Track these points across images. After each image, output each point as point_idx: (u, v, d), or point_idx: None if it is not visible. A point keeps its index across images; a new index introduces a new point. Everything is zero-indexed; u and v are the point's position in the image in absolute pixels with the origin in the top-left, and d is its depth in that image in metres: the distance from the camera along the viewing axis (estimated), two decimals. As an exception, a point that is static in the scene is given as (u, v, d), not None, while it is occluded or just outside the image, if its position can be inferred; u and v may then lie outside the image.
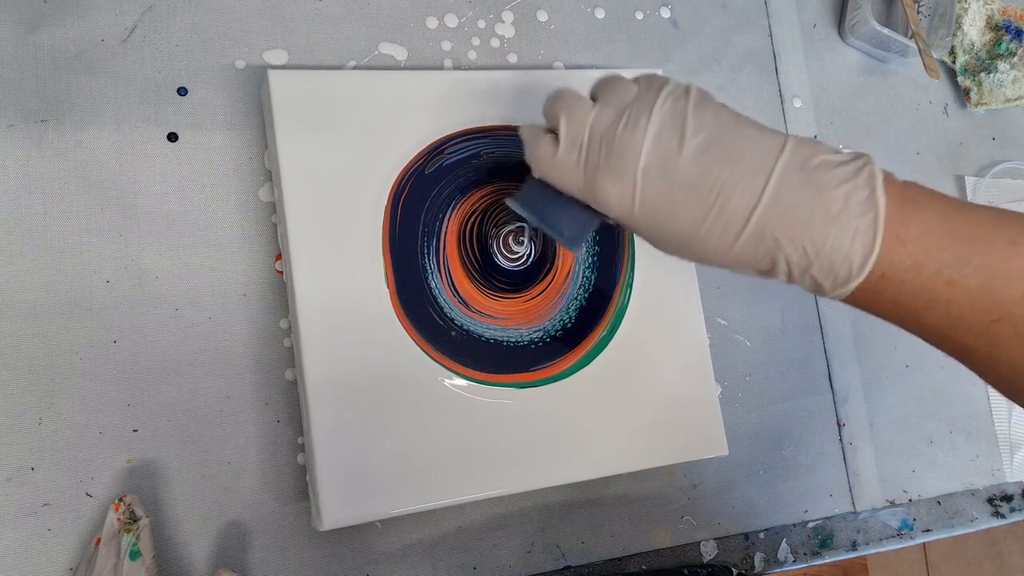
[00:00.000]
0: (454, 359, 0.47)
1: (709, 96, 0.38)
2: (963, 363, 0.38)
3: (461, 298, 0.48)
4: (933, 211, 0.35)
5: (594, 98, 0.39)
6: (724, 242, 0.36)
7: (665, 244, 0.38)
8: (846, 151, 0.36)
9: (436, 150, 0.49)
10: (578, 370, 0.50)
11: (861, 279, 0.34)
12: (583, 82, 0.53)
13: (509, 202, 0.43)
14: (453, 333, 0.47)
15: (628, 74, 0.54)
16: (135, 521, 0.40)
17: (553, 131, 0.39)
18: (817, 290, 0.36)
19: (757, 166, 0.35)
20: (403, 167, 0.48)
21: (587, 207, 0.40)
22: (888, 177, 0.35)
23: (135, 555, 0.39)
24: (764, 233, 0.35)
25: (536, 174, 0.40)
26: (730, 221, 0.35)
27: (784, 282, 0.37)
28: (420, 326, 0.46)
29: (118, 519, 0.40)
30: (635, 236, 0.53)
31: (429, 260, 0.48)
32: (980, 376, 0.38)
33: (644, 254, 0.53)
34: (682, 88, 0.37)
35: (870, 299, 0.36)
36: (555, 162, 0.38)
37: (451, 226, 0.49)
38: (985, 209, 0.35)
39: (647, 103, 0.37)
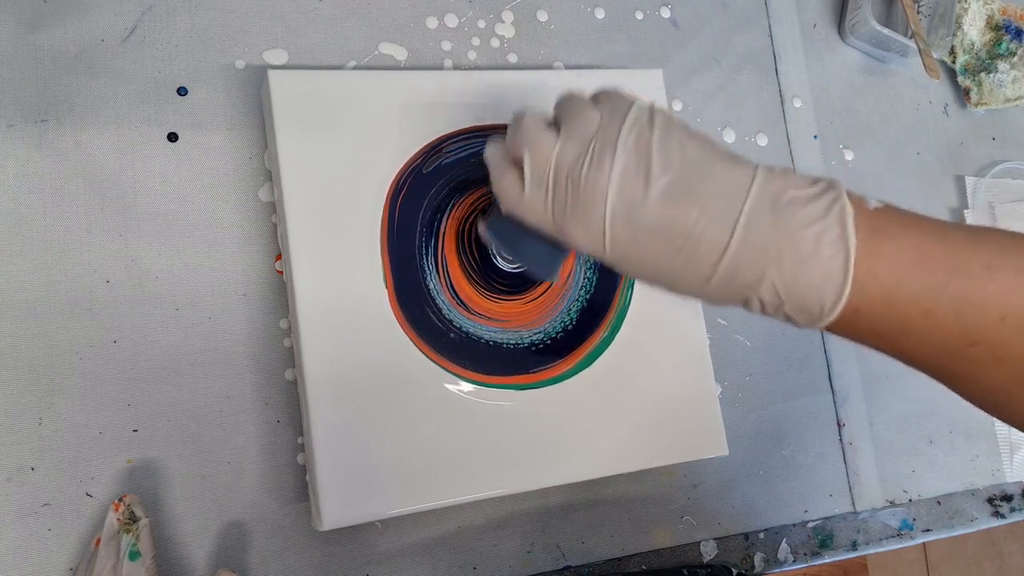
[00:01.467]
0: (453, 361, 0.47)
1: (674, 123, 0.36)
2: (944, 384, 0.37)
3: (460, 299, 0.48)
4: (905, 239, 0.34)
5: (557, 123, 0.37)
6: (696, 282, 0.35)
7: (641, 280, 0.38)
8: (817, 180, 0.35)
9: (435, 149, 0.49)
10: (579, 371, 0.49)
11: (835, 316, 0.34)
12: (583, 82, 0.53)
13: (481, 230, 0.42)
14: (452, 335, 0.47)
15: (628, 76, 0.55)
16: (135, 521, 0.40)
17: (519, 162, 0.38)
18: (792, 323, 0.36)
19: (725, 207, 0.34)
20: (401, 166, 0.48)
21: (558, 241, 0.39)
22: (860, 206, 0.34)
23: (135, 555, 0.39)
24: (735, 274, 0.34)
25: (504, 210, 0.39)
26: (700, 263, 0.34)
27: (759, 315, 0.36)
28: (419, 327, 0.46)
29: (118, 519, 0.40)
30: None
31: (427, 261, 0.48)
32: (961, 396, 0.37)
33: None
34: (646, 116, 0.36)
35: (846, 330, 0.35)
36: (523, 201, 0.37)
37: (449, 226, 0.48)
38: (960, 230, 0.34)
39: (611, 136, 0.35)
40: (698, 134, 0.36)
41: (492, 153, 0.39)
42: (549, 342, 0.49)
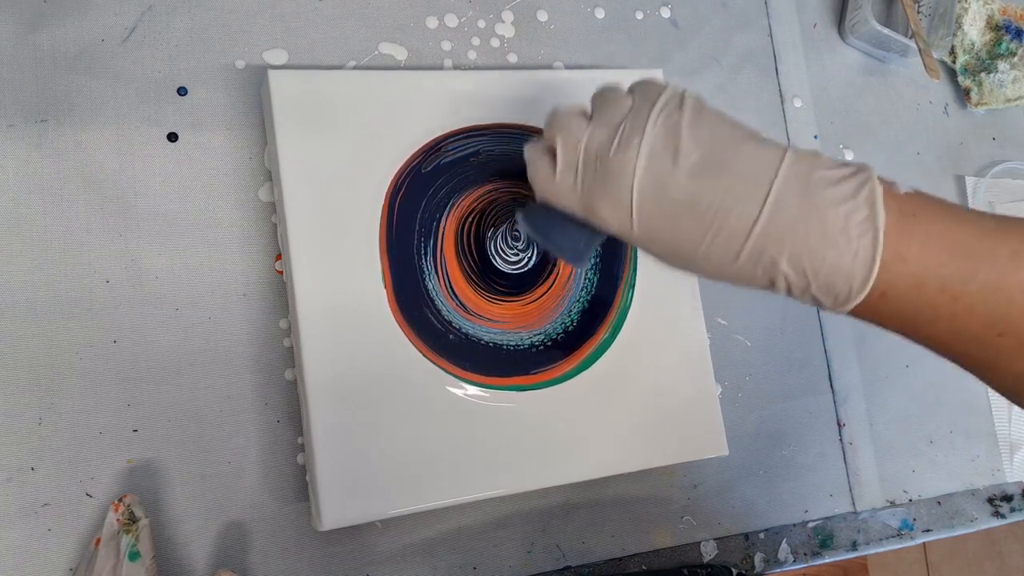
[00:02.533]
0: (453, 362, 0.47)
1: (705, 105, 0.37)
2: (968, 371, 0.37)
3: (459, 301, 0.48)
4: (934, 224, 0.34)
5: (592, 113, 0.38)
6: (724, 260, 0.35)
7: (667, 261, 0.38)
8: (847, 164, 0.35)
9: (434, 148, 0.49)
10: (579, 372, 0.49)
11: (861, 298, 0.34)
12: (583, 82, 0.53)
13: (518, 216, 0.43)
14: (451, 336, 0.47)
15: (628, 76, 0.55)
16: (134, 522, 0.40)
17: (553, 150, 0.39)
18: (818, 306, 0.36)
19: (754, 184, 0.34)
20: (400, 166, 0.48)
21: (590, 225, 0.40)
22: (889, 190, 0.34)
23: (134, 556, 0.39)
24: (763, 252, 0.34)
25: (538, 196, 0.40)
26: (729, 240, 0.35)
27: (785, 297, 0.36)
28: (418, 328, 0.46)
29: (117, 520, 0.40)
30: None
31: (426, 261, 0.47)
32: (985, 383, 0.37)
33: (645, 255, 0.53)
34: (677, 99, 0.36)
35: (872, 314, 0.35)
36: (554, 185, 0.38)
37: (448, 226, 0.48)
38: (988, 218, 0.34)
39: (640, 120, 0.36)
40: (728, 117, 0.37)
41: (529, 147, 0.40)
42: (550, 343, 0.49)
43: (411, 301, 0.46)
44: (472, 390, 0.47)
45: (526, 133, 0.51)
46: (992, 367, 0.35)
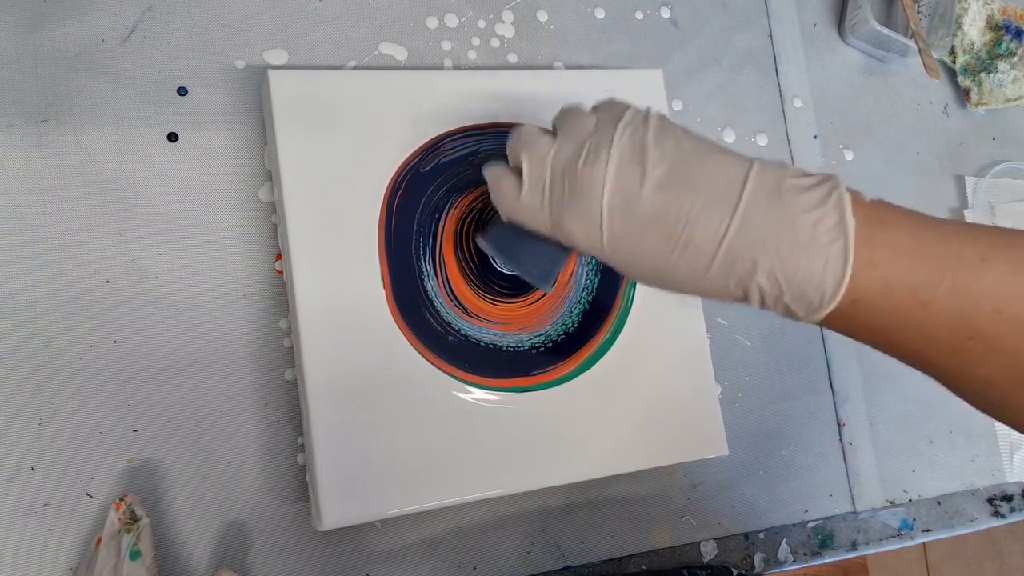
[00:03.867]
0: (452, 363, 0.47)
1: (669, 122, 0.37)
2: (936, 380, 0.37)
3: (458, 302, 0.48)
4: (903, 230, 0.34)
5: (555, 130, 0.38)
6: (695, 273, 0.35)
7: (637, 277, 0.38)
8: (813, 173, 0.35)
9: (433, 148, 0.49)
10: (580, 374, 0.49)
11: (834, 305, 0.34)
12: (583, 82, 0.53)
13: (479, 240, 0.43)
14: (450, 338, 0.47)
15: (628, 76, 0.55)
16: (136, 521, 0.40)
17: (518, 169, 0.38)
18: (789, 316, 0.36)
19: (722, 195, 0.34)
20: (399, 165, 0.47)
21: (556, 243, 0.39)
22: (856, 198, 0.34)
23: (135, 555, 0.39)
24: (734, 263, 0.34)
25: (503, 216, 0.39)
26: (698, 253, 0.34)
27: (758, 309, 0.36)
28: (416, 329, 0.46)
29: (119, 519, 0.40)
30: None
31: (425, 262, 0.47)
32: (953, 392, 0.37)
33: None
34: (641, 116, 0.36)
35: (843, 323, 0.35)
36: (520, 204, 0.38)
37: (447, 227, 0.48)
38: (954, 224, 0.35)
39: (606, 135, 0.36)
40: (694, 132, 0.37)
41: (490, 168, 0.40)
42: (551, 345, 0.49)
43: (410, 302, 0.46)
44: (472, 391, 0.47)
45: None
46: (961, 374, 0.35)
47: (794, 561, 0.57)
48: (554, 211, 0.37)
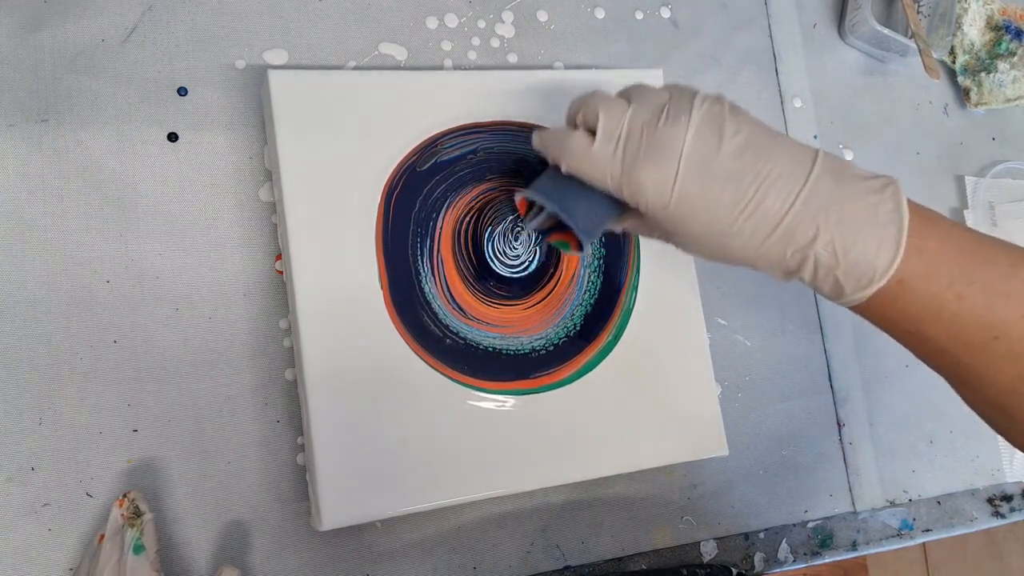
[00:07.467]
0: (451, 365, 0.46)
1: (738, 106, 0.39)
2: (951, 382, 0.40)
3: (456, 304, 0.47)
4: (946, 228, 0.37)
5: (627, 100, 0.40)
6: (756, 238, 0.37)
7: (693, 239, 0.39)
8: (872, 173, 0.38)
9: (431, 146, 0.48)
10: (581, 376, 0.49)
11: (882, 283, 0.36)
12: (583, 82, 0.53)
13: (522, 192, 0.43)
14: (448, 340, 0.47)
15: (628, 76, 0.55)
16: (139, 516, 0.40)
17: (586, 127, 0.40)
18: (837, 293, 0.38)
19: (793, 168, 0.37)
20: (396, 164, 0.47)
21: (606, 201, 0.40)
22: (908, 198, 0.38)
23: (139, 549, 0.39)
24: (796, 231, 0.36)
25: (566, 167, 0.40)
26: (765, 217, 0.37)
27: (806, 283, 0.38)
28: (414, 331, 0.46)
29: (122, 514, 0.40)
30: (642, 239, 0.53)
31: (423, 263, 0.47)
32: (964, 399, 0.40)
33: (645, 255, 0.53)
34: (715, 95, 0.39)
35: (883, 307, 0.38)
36: (590, 154, 0.39)
37: (445, 227, 0.48)
38: (984, 235, 0.38)
39: (685, 104, 0.38)
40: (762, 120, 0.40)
41: (549, 130, 0.42)
42: (552, 348, 0.49)
43: (407, 303, 0.46)
44: (472, 393, 0.47)
45: (525, 132, 0.50)
46: (981, 375, 0.37)
47: (794, 561, 0.57)
48: (627, 161, 0.38)
